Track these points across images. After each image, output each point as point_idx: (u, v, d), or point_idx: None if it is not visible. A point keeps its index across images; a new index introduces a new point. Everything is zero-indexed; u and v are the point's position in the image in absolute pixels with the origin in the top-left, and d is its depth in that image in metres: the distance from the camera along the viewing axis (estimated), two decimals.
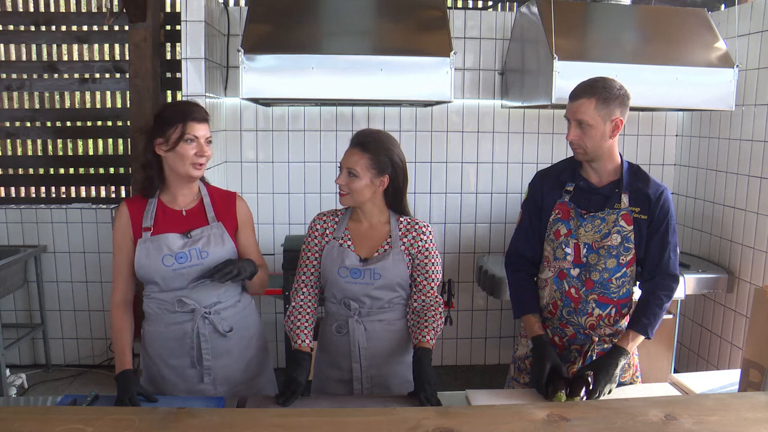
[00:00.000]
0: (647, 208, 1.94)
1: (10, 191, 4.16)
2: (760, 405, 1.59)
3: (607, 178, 1.99)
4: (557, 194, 2.03)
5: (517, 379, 2.17)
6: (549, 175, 2.10)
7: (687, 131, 3.95)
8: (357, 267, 1.95)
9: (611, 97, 1.88)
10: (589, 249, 1.96)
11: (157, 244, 1.92)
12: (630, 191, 1.96)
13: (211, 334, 1.98)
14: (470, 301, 4.10)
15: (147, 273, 1.93)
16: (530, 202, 2.11)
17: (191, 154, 1.90)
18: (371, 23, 3.32)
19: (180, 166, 1.91)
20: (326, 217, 2.05)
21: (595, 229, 1.96)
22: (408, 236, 1.99)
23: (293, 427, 1.47)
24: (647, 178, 1.98)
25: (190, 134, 1.89)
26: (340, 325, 2.00)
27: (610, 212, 1.95)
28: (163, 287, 1.95)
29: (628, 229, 1.94)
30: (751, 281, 3.32)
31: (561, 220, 2.01)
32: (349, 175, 1.92)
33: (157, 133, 1.91)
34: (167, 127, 1.89)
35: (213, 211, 2.01)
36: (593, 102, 1.88)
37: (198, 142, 1.91)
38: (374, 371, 2.00)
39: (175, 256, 1.92)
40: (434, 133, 3.90)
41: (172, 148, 1.90)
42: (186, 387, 1.99)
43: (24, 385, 3.75)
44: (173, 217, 1.97)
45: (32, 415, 1.51)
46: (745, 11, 3.36)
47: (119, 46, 4.00)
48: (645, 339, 1.95)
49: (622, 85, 1.92)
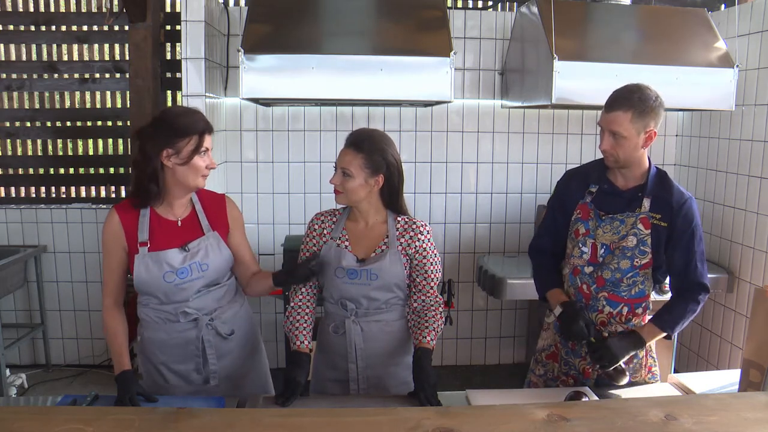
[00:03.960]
0: (668, 216, 1.94)
1: (10, 191, 4.15)
2: (760, 405, 1.59)
3: (633, 183, 2.00)
4: (581, 194, 2.05)
5: (534, 370, 2.21)
6: (576, 175, 2.12)
7: (687, 131, 3.95)
8: (354, 267, 1.95)
9: (647, 110, 1.87)
10: (607, 249, 1.98)
11: (157, 261, 1.89)
12: (652, 196, 1.96)
13: (215, 339, 1.98)
14: (470, 301, 4.09)
15: (148, 289, 1.91)
16: (555, 200, 2.15)
17: (203, 167, 1.88)
18: (371, 23, 3.31)
19: (191, 179, 1.88)
20: (324, 216, 2.05)
21: (614, 230, 1.97)
22: (405, 236, 1.98)
23: (293, 427, 1.47)
24: (671, 186, 1.98)
25: (204, 147, 1.86)
26: (337, 325, 2.00)
27: (629, 215, 1.96)
28: (164, 300, 1.94)
29: (645, 233, 1.94)
30: (751, 281, 3.32)
31: (581, 220, 2.03)
32: (343, 175, 1.92)
33: (165, 143, 1.82)
34: (178, 138, 1.82)
35: (207, 219, 1.98)
36: (629, 115, 1.87)
37: (208, 153, 1.89)
38: (371, 372, 2.00)
39: (176, 272, 1.89)
40: (434, 133, 3.89)
41: (185, 162, 1.84)
42: (191, 389, 2.00)
43: (24, 385, 3.75)
44: (169, 229, 1.93)
45: (32, 415, 1.51)
46: (745, 11, 3.36)
47: (119, 46, 4.00)
48: (665, 338, 1.98)
49: (657, 94, 1.91)
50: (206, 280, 1.94)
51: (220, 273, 1.98)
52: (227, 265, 2.00)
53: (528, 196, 4.00)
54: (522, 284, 3.26)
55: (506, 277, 3.34)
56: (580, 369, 2.06)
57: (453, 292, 3.25)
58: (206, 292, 1.96)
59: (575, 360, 2.07)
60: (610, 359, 1.88)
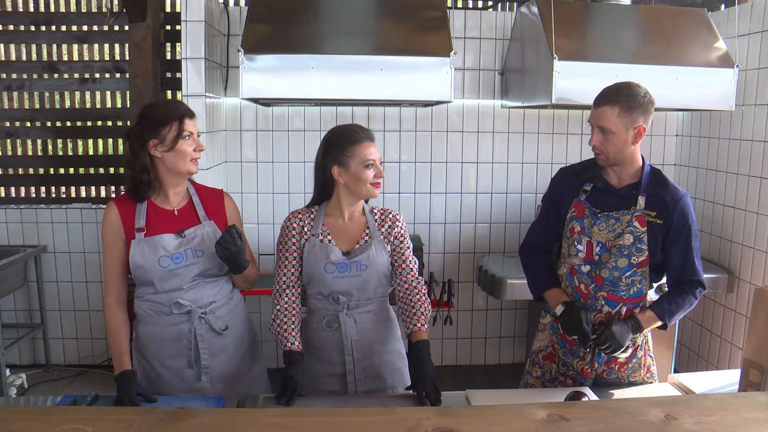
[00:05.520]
0: (664, 214, 1.94)
1: (10, 191, 4.16)
2: (760, 405, 1.59)
3: (627, 181, 2.00)
4: (575, 193, 2.05)
5: (530, 372, 2.20)
6: (570, 173, 2.13)
7: (687, 131, 3.95)
8: (343, 261, 1.96)
9: (635, 105, 1.88)
10: (603, 247, 1.98)
11: (153, 245, 1.91)
12: (647, 194, 1.96)
13: (208, 333, 1.99)
14: (470, 301, 4.09)
15: (143, 274, 1.93)
16: (549, 197, 2.15)
17: (190, 150, 1.92)
18: (371, 23, 3.31)
19: (181, 164, 1.92)
20: (301, 214, 2.05)
21: (609, 228, 1.97)
22: (385, 225, 2.04)
23: (293, 427, 1.47)
24: (666, 184, 1.99)
25: (186, 131, 1.91)
26: (330, 320, 2.00)
27: (624, 213, 1.96)
28: (159, 288, 1.94)
29: (641, 230, 1.94)
30: (751, 281, 3.32)
31: (576, 218, 2.03)
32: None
33: (148, 135, 1.89)
34: (160, 127, 1.89)
35: (203, 209, 2.02)
36: (616, 110, 1.88)
37: (193, 137, 1.93)
38: (367, 362, 2.02)
39: (171, 257, 1.92)
40: (434, 133, 3.89)
41: (171, 148, 1.89)
42: (183, 386, 1.99)
43: (24, 385, 3.75)
44: (166, 217, 1.97)
45: (32, 415, 1.51)
46: (745, 11, 3.36)
47: (119, 46, 4.00)
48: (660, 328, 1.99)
49: (647, 91, 1.92)
50: (201, 268, 1.96)
51: (215, 262, 1.98)
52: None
53: (528, 196, 4.00)
54: (522, 284, 3.22)
55: (506, 277, 3.34)
56: (579, 369, 2.06)
57: (453, 292, 3.25)
58: (201, 282, 1.97)
59: (573, 360, 2.07)
60: (616, 345, 1.89)
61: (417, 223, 3.96)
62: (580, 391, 1.86)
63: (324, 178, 2.02)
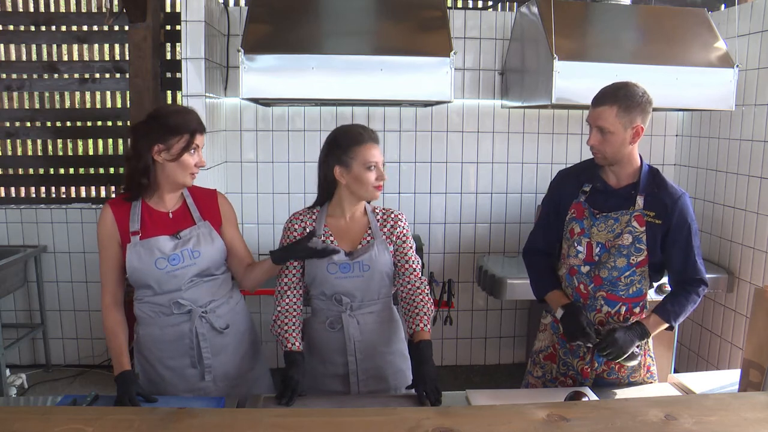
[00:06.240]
0: (663, 214, 1.95)
1: (10, 191, 4.16)
2: (760, 405, 1.59)
3: (625, 181, 2.00)
4: (574, 194, 2.06)
5: (531, 372, 2.21)
6: (569, 174, 2.13)
7: (687, 131, 3.95)
8: (345, 262, 1.96)
9: (633, 105, 1.88)
10: (603, 248, 1.98)
11: (148, 248, 1.91)
12: (646, 194, 1.96)
13: (209, 332, 1.99)
14: (470, 301, 4.09)
15: (140, 277, 1.93)
16: (549, 200, 2.16)
17: (192, 164, 1.92)
18: (371, 23, 3.31)
19: (180, 176, 1.92)
20: (302, 216, 2.05)
21: (608, 228, 1.98)
22: (387, 225, 2.03)
23: (293, 427, 1.47)
24: (665, 184, 1.99)
25: (194, 145, 1.90)
26: (333, 321, 2.00)
27: (623, 213, 1.97)
28: (157, 290, 1.94)
29: (640, 230, 1.95)
30: (751, 281, 3.32)
31: (575, 219, 2.03)
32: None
33: (157, 138, 1.88)
34: (171, 135, 1.87)
35: (198, 210, 2.01)
36: (614, 109, 1.88)
37: (198, 151, 1.93)
38: (369, 363, 2.01)
39: (167, 259, 1.91)
40: (434, 133, 3.89)
41: (175, 158, 1.89)
42: (186, 386, 2.00)
43: (24, 385, 3.75)
44: (160, 220, 1.96)
45: (32, 415, 1.51)
46: (745, 11, 3.36)
47: (119, 46, 4.00)
48: (668, 330, 1.99)
49: (645, 91, 1.92)
50: (199, 268, 1.96)
51: (212, 262, 1.98)
52: (220, 255, 2.01)
53: (528, 196, 4.00)
54: (522, 284, 3.25)
55: (506, 277, 3.34)
56: (579, 369, 2.06)
57: (453, 292, 3.25)
58: (199, 282, 1.97)
59: (573, 360, 2.07)
60: (617, 352, 1.89)
61: (417, 223, 3.96)
62: (580, 391, 1.86)
63: (326, 179, 2.01)
